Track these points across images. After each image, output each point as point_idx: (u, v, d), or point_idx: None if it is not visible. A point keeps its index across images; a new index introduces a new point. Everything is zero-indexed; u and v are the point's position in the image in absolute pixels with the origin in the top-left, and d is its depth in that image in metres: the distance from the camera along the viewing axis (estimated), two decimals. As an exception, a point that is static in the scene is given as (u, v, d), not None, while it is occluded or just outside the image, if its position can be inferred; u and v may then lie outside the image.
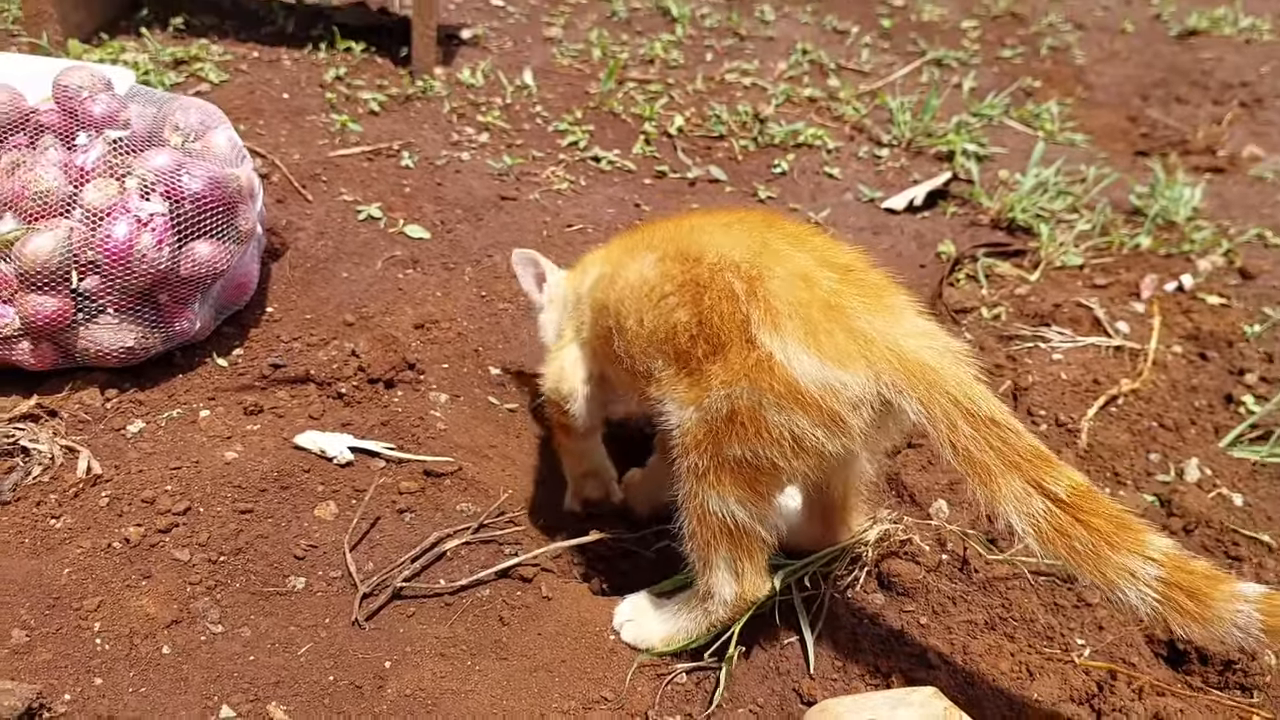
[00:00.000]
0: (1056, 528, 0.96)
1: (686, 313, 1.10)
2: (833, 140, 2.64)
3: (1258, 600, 0.92)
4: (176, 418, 1.54)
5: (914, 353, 1.02)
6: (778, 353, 1.03)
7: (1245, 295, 2.06)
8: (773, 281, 1.06)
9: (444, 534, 1.39)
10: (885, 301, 1.07)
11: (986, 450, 0.99)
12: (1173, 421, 1.61)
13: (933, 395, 1.00)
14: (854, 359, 1.02)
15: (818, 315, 1.03)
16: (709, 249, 1.12)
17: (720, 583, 1.18)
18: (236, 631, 1.25)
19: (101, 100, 1.58)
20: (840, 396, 1.02)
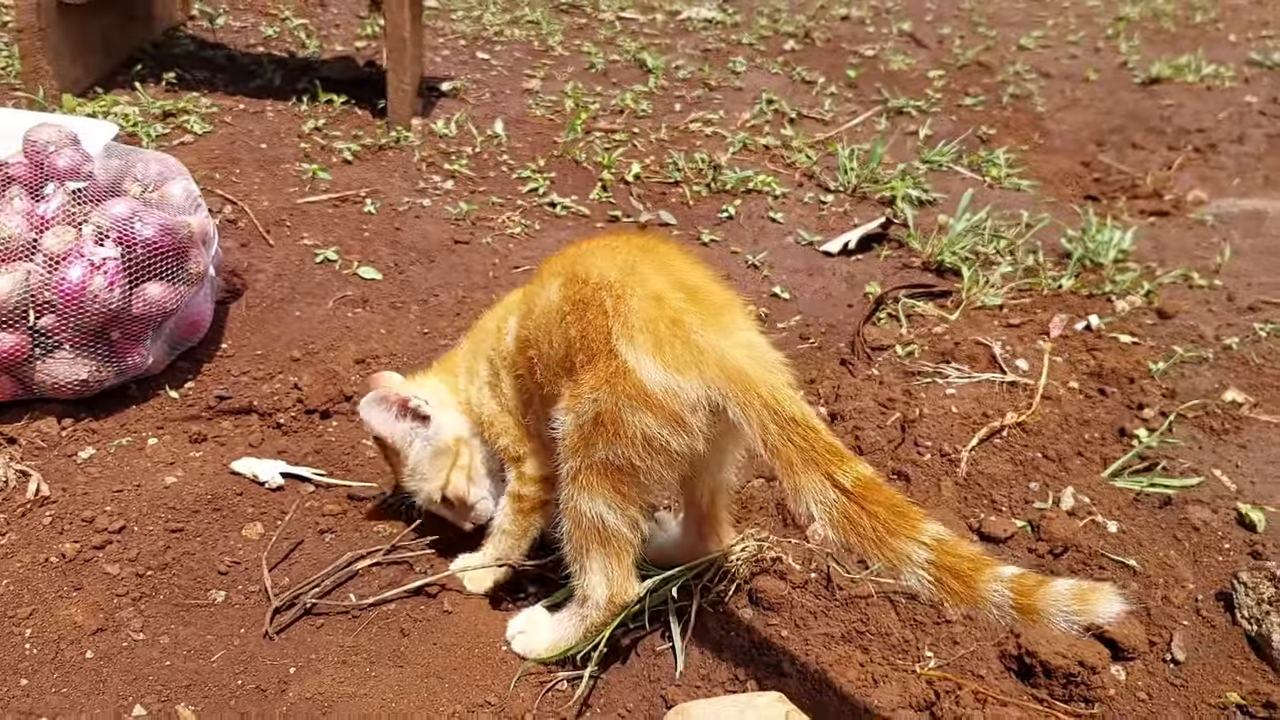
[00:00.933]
0: (845, 515, 1.08)
1: (575, 328, 1.24)
2: (781, 186, 2.76)
3: (1009, 580, 1.02)
4: (126, 445, 1.68)
5: (735, 361, 1.16)
6: (631, 361, 1.17)
7: (1159, 334, 2.15)
8: (632, 299, 1.20)
9: (358, 554, 1.50)
10: (721, 318, 1.21)
11: (790, 447, 1.11)
12: (1056, 453, 1.70)
13: (747, 398, 1.14)
14: (689, 367, 1.15)
15: (664, 329, 1.18)
16: (593, 270, 1.26)
17: (593, 586, 1.29)
18: (156, 639, 1.36)
19: (66, 154, 1.73)
20: (679, 399, 1.16)
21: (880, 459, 1.63)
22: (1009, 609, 1.02)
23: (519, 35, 3.98)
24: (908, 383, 1.81)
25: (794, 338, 2.14)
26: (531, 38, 3.97)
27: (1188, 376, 2.01)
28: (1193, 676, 1.40)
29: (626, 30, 4.18)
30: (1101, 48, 4.30)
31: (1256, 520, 1.64)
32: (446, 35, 3.91)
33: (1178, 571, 1.55)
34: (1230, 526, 1.66)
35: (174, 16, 3.46)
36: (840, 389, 1.82)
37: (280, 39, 3.58)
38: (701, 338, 1.16)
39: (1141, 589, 1.51)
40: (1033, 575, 1.03)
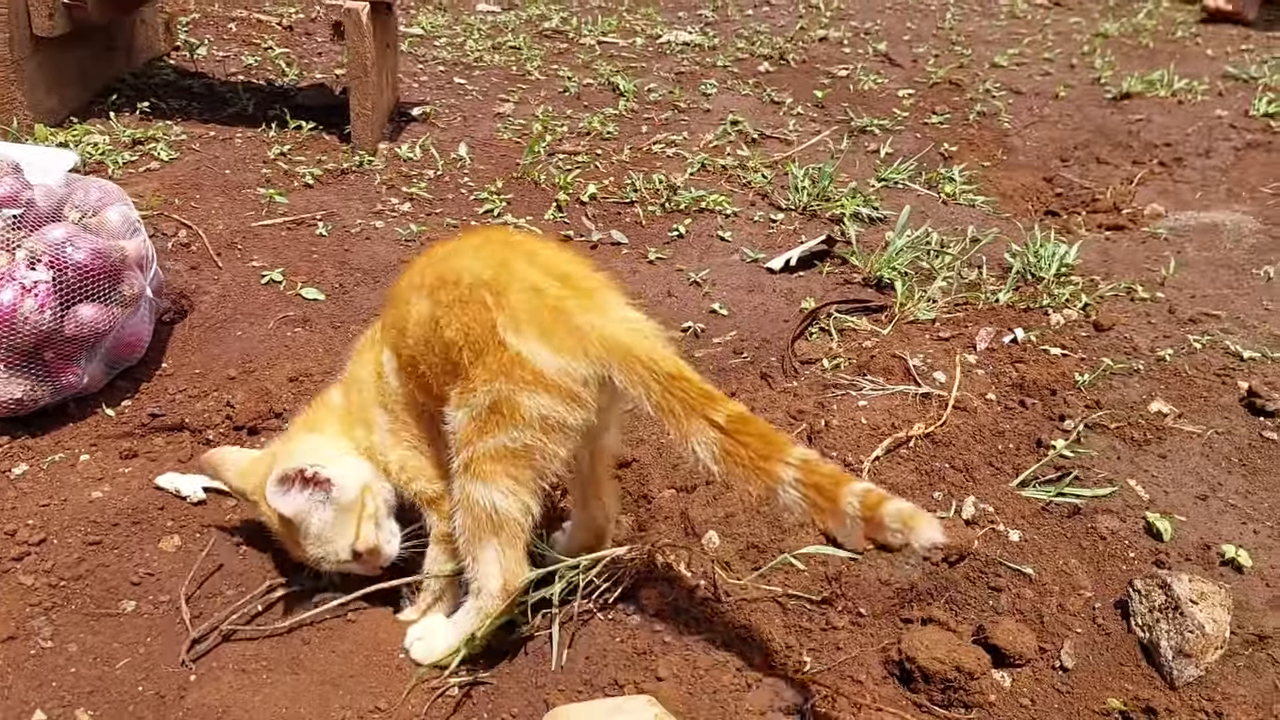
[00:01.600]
0: (725, 450, 1.21)
1: (454, 329, 1.30)
2: (733, 206, 2.81)
3: (860, 494, 1.16)
4: (58, 461, 1.74)
5: (614, 335, 1.25)
6: (525, 351, 1.25)
7: (1092, 347, 2.16)
8: (512, 294, 1.28)
9: (276, 581, 1.54)
10: (596, 300, 1.30)
11: (672, 398, 1.23)
12: (964, 464, 1.72)
13: (629, 364, 1.24)
14: (575, 349, 1.25)
15: (548, 317, 1.26)
16: (464, 272, 1.33)
17: (487, 575, 1.36)
18: (64, 647, 1.41)
19: (6, 182, 1.80)
20: (573, 378, 1.25)
21: (784, 470, 1.66)
22: (857, 517, 1.15)
23: (499, 61, 4.06)
24: (822, 395, 1.84)
25: (728, 353, 2.18)
26: (510, 63, 4.04)
27: (1115, 388, 2.02)
28: (1079, 683, 1.42)
29: (605, 55, 4.25)
30: (1076, 64, 4.32)
31: (1163, 530, 1.66)
32: (427, 61, 3.99)
33: (1075, 579, 1.56)
34: (1138, 536, 1.67)
35: (156, 47, 3.56)
36: (755, 402, 1.85)
37: (261, 68, 3.67)
38: (583, 319, 1.26)
39: (1036, 597, 1.53)
40: (877, 492, 1.16)
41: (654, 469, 1.77)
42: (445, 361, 1.32)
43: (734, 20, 4.83)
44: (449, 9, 4.78)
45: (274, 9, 4.36)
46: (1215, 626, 1.43)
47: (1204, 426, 1.92)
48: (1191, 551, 1.62)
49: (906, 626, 1.47)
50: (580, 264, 1.37)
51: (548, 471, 1.31)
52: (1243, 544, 1.63)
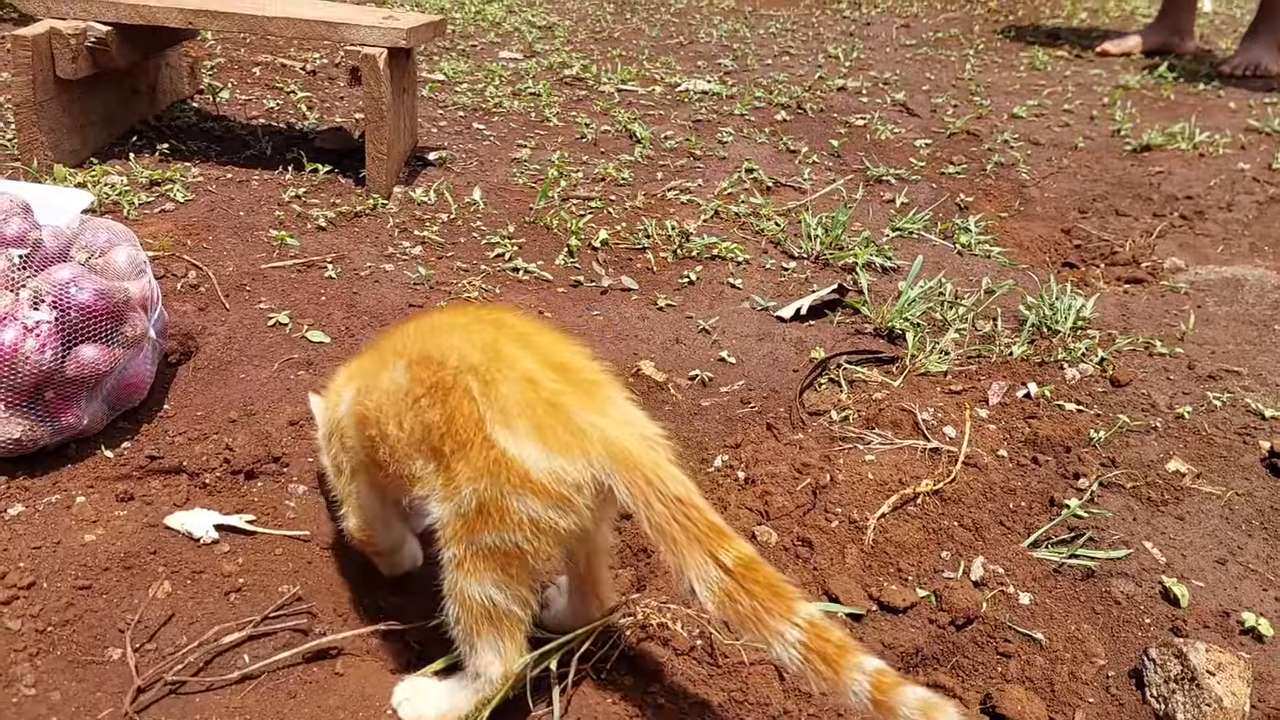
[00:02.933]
0: (726, 592, 1.11)
1: (436, 413, 1.23)
2: (745, 253, 2.79)
3: (871, 674, 1.06)
4: (54, 503, 1.72)
5: (618, 440, 1.16)
6: (512, 449, 1.16)
7: (1108, 402, 2.12)
8: (504, 385, 1.19)
9: (225, 627, 1.50)
10: (597, 396, 1.21)
11: (674, 525, 1.13)
12: (974, 522, 1.68)
13: (632, 476, 1.15)
14: (572, 449, 1.15)
15: (542, 413, 1.17)
16: (450, 352, 1.25)
17: (486, 664, 1.29)
18: (47, 695, 1.38)
19: (14, 223, 1.81)
20: (565, 481, 1.16)
21: (787, 525, 1.62)
22: (866, 699, 1.06)
23: (518, 107, 4.09)
24: (828, 448, 1.80)
25: (735, 402, 2.15)
26: (529, 109, 4.07)
27: (1132, 446, 1.97)
28: (1091, 757, 1.36)
29: (624, 102, 4.27)
30: (1096, 116, 4.30)
31: (1180, 595, 1.60)
32: (447, 107, 4.03)
33: (1088, 646, 1.51)
34: (1154, 601, 1.62)
35: (180, 90, 3.61)
36: (760, 454, 1.81)
37: (282, 111, 3.71)
38: (582, 418, 1.17)
39: (1047, 664, 1.47)
40: (891, 674, 1.06)
41: (655, 521, 1.73)
42: (418, 440, 1.25)
43: (753, 69, 4.85)
44: (472, 56, 4.84)
45: (298, 54, 4.42)
46: (1234, 700, 1.37)
47: (1224, 487, 1.87)
48: (1210, 619, 1.57)
49: (910, 693, 1.41)
50: (578, 354, 1.28)
51: (541, 568, 1.24)
52: (1264, 612, 1.57)
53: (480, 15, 5.64)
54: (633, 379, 2.21)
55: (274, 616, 1.53)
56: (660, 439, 1.20)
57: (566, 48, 5.08)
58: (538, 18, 5.74)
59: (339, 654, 1.49)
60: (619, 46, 5.16)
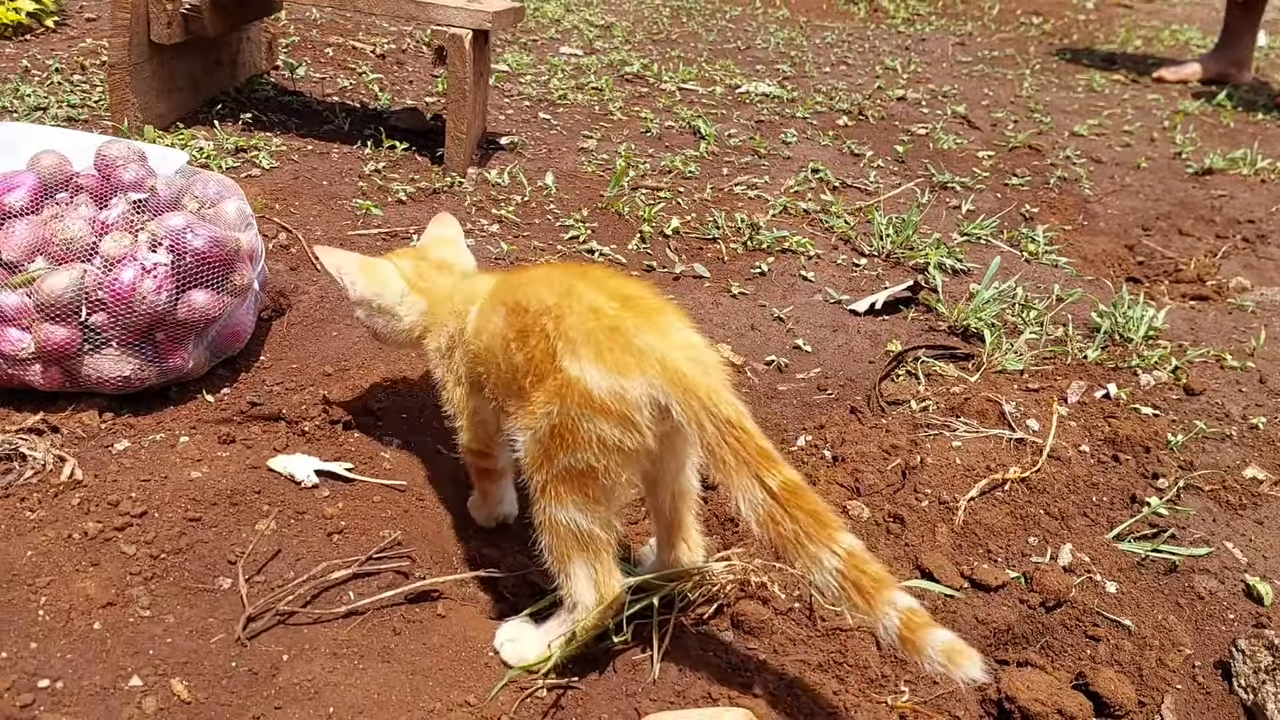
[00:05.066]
0: (770, 515, 1.17)
1: (522, 354, 1.32)
2: (816, 248, 2.82)
3: (903, 610, 1.13)
4: (159, 441, 1.77)
5: (675, 363, 1.22)
6: (576, 372, 1.24)
7: (1183, 410, 2.13)
8: (571, 317, 1.28)
9: (332, 563, 1.54)
10: (656, 321, 1.28)
11: (724, 447, 1.19)
12: (1059, 511, 1.70)
13: (686, 398, 1.20)
14: (631, 369, 1.22)
15: (603, 338, 1.24)
16: (533, 299, 1.34)
17: (580, 590, 1.35)
18: (161, 617, 1.43)
19: (132, 169, 1.87)
20: (625, 400, 1.22)
21: (878, 501, 1.65)
22: (895, 635, 1.13)
23: (582, 100, 4.14)
24: (914, 434, 1.83)
25: (812, 388, 2.18)
26: (593, 102, 4.12)
27: (1208, 451, 1.99)
28: (1181, 739, 1.38)
29: (685, 100, 4.31)
30: (1156, 138, 4.31)
31: (1264, 593, 1.62)
32: (513, 96, 4.08)
33: (1176, 635, 1.53)
34: (1237, 598, 1.63)
35: (259, 65, 3.68)
36: (846, 435, 1.84)
37: (355, 90, 3.78)
38: (641, 340, 1.23)
39: (1135, 650, 1.50)
40: (923, 614, 1.13)
41: (741, 494, 1.76)
42: (509, 380, 1.35)
43: (811, 77, 4.89)
44: (534, 50, 4.89)
45: (368, 38, 4.49)
46: (1326, 692, 1.38)
47: (1302, 495, 1.88)
48: (1294, 617, 1.58)
49: (1003, 668, 1.44)
50: (644, 287, 1.35)
51: (617, 490, 1.30)
52: (1348, 614, 1.58)
53: (539, 12, 5.71)
54: (710, 360, 2.25)
55: (377, 558, 1.57)
56: (717, 364, 1.26)
57: (625, 47, 5.14)
58: (595, 17, 5.80)
59: (439, 597, 1.53)
60: (677, 48, 5.21)
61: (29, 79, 3.31)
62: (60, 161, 1.86)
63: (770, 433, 2.03)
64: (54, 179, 1.84)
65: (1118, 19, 7.37)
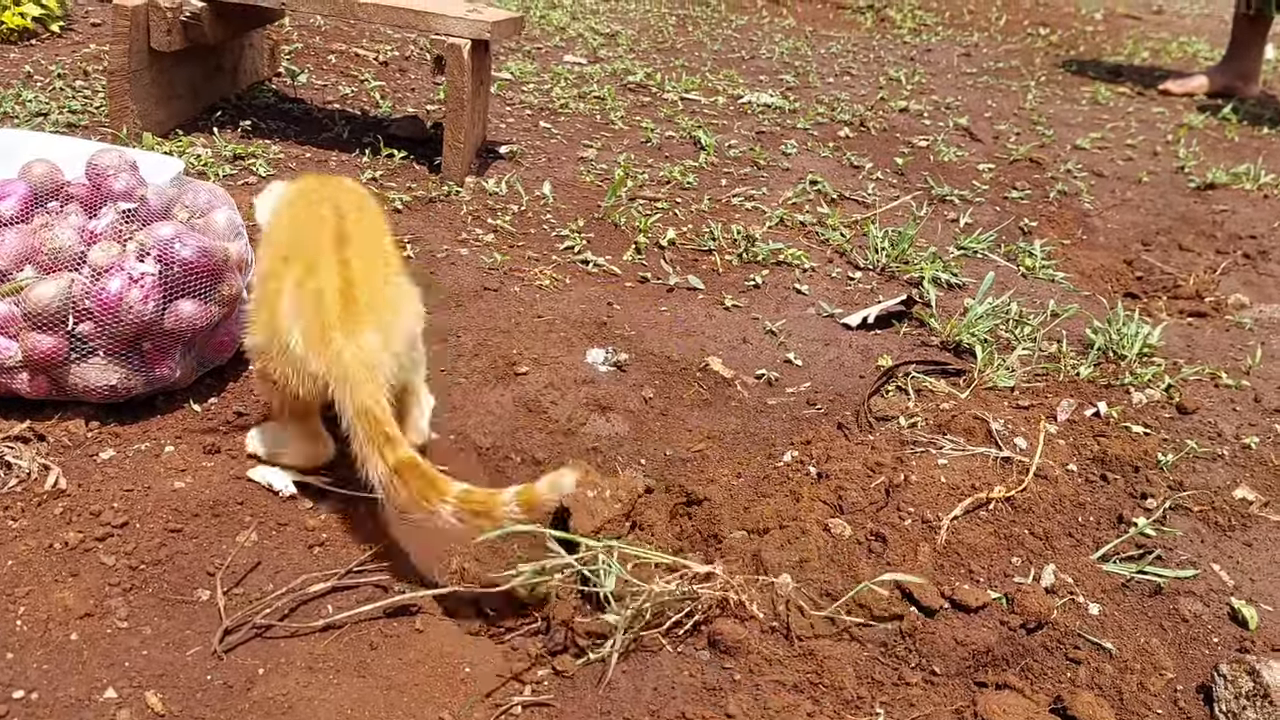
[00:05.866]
0: (391, 484, 1.45)
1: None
2: (811, 261, 2.82)
3: (513, 498, 1.43)
4: (144, 450, 1.77)
5: (345, 355, 1.50)
6: (289, 339, 1.55)
7: (1175, 428, 2.12)
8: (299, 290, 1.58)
9: (311, 576, 1.54)
10: (358, 319, 1.54)
11: (359, 428, 1.48)
12: (1044, 531, 1.69)
13: (341, 387, 1.51)
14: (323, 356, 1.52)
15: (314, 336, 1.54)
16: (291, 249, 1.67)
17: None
18: (139, 629, 1.43)
19: (123, 178, 1.87)
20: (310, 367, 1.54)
21: (860, 520, 1.64)
22: (519, 517, 1.43)
23: (583, 109, 4.14)
24: (900, 451, 1.82)
25: (801, 403, 2.17)
26: (595, 112, 4.12)
27: (1199, 471, 1.98)
28: (1159, 765, 1.37)
29: (687, 110, 4.32)
30: (1160, 152, 4.30)
31: (1249, 617, 1.61)
32: (514, 105, 4.09)
33: (1157, 659, 1.51)
34: (1222, 621, 1.62)
35: (260, 72, 3.70)
36: (832, 451, 1.84)
37: (356, 98, 3.79)
38: (334, 331, 1.51)
39: (1116, 673, 1.48)
40: (527, 487, 1.43)
41: (725, 509, 1.76)
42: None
43: (815, 87, 4.89)
44: (537, 58, 4.90)
45: (371, 45, 4.50)
46: (1307, 719, 1.37)
47: (1292, 517, 1.87)
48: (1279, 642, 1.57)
49: (980, 690, 1.43)
50: (373, 276, 1.62)
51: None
52: (1334, 639, 1.57)
53: (545, 20, 5.71)
54: (700, 374, 2.24)
55: (357, 571, 1.57)
56: (382, 363, 1.53)
57: (629, 55, 5.14)
58: (601, 25, 5.81)
59: (418, 612, 1.53)
60: (681, 57, 5.21)
61: (31, 84, 3.33)
62: (51, 170, 1.87)
63: (758, 447, 2.03)
64: (45, 188, 1.85)
65: (1125, 30, 7.35)
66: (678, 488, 1.87)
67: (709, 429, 2.09)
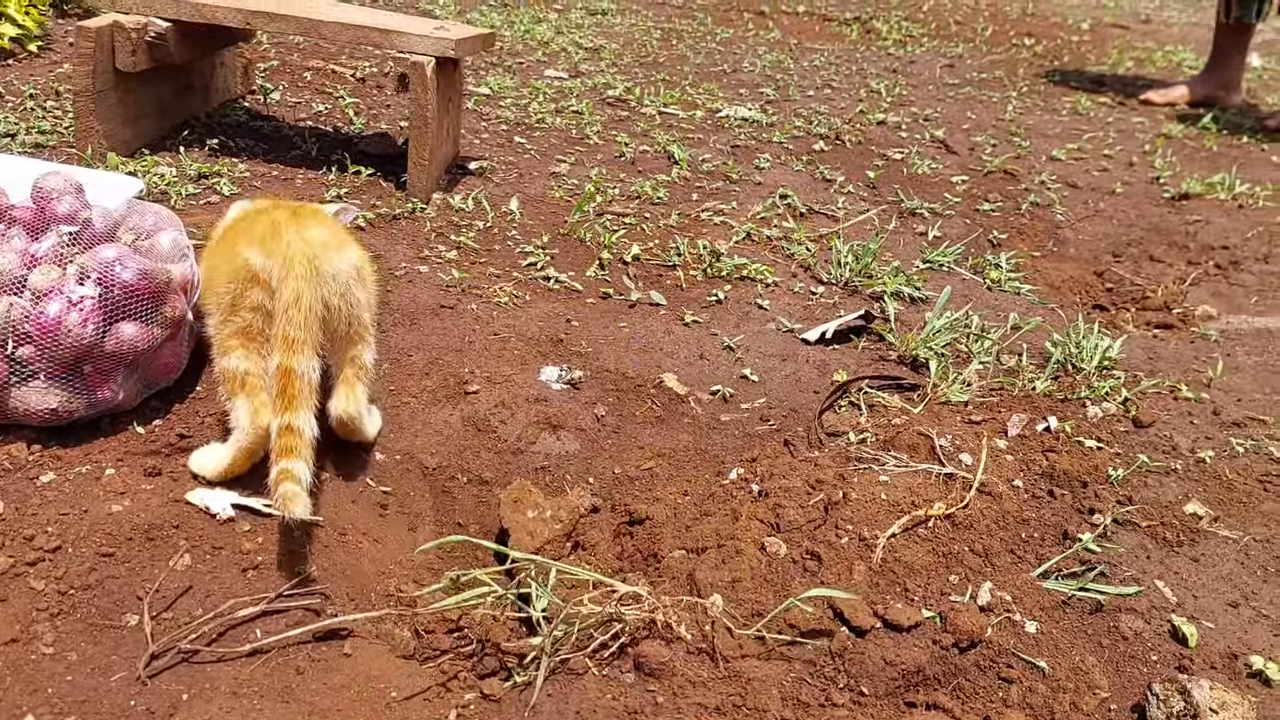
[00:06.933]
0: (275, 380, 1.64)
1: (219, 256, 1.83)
2: (775, 276, 2.81)
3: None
4: (84, 473, 1.77)
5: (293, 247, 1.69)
6: (248, 255, 1.71)
7: (1130, 442, 2.11)
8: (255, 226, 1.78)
9: (240, 600, 1.54)
10: (303, 222, 1.76)
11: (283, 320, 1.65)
12: (984, 548, 1.68)
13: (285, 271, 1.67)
14: (272, 251, 1.69)
15: (268, 233, 1.73)
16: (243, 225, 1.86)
17: (240, 418, 1.71)
18: (64, 655, 1.42)
19: (66, 201, 1.88)
20: (267, 273, 1.69)
21: (797, 538, 1.64)
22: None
23: (559, 124, 4.15)
24: (843, 467, 1.81)
25: (755, 419, 2.16)
26: (571, 126, 4.13)
27: (1150, 486, 1.97)
28: (1088, 787, 1.36)
29: (664, 124, 4.32)
30: (1136, 163, 4.29)
31: (1189, 635, 1.59)
32: (490, 120, 4.09)
33: (1092, 678, 1.50)
34: (1162, 639, 1.61)
35: (233, 90, 3.71)
36: (775, 469, 1.83)
37: (330, 115, 3.80)
38: (284, 232, 1.71)
39: (1049, 692, 1.47)
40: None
41: (667, 528, 1.75)
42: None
43: (794, 100, 4.89)
44: (518, 72, 4.91)
45: (349, 61, 4.52)
46: (1236, 739, 1.36)
47: (1241, 532, 1.86)
48: (1217, 660, 1.56)
49: (910, 711, 1.42)
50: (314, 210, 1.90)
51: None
52: (1273, 657, 1.56)
53: (529, 34, 5.73)
54: (655, 390, 2.24)
55: (288, 594, 1.56)
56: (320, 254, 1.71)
57: (612, 69, 5.15)
58: (585, 39, 5.82)
59: (348, 635, 1.52)
60: (663, 71, 5.22)
61: (2, 105, 3.34)
62: (-6, 194, 1.87)
63: (708, 465, 2.02)
64: (-13, 212, 1.85)
65: (1112, 39, 7.36)
66: (622, 507, 1.87)
67: (660, 446, 2.08)
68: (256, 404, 1.69)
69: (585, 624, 1.41)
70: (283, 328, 1.62)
